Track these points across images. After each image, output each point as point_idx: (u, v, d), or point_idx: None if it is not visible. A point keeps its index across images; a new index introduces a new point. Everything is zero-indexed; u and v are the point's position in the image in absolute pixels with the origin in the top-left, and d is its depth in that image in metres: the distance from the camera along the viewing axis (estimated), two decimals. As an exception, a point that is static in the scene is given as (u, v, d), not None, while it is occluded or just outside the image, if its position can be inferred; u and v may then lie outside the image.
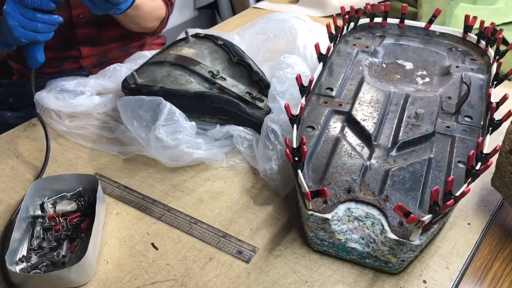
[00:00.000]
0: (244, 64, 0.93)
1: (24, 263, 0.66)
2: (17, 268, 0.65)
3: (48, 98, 0.95)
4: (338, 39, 0.97)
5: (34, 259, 0.67)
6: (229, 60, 0.94)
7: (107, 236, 0.72)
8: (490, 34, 0.94)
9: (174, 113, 0.83)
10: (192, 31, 1.03)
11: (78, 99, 0.96)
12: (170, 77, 0.90)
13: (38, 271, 0.65)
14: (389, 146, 0.74)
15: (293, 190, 0.78)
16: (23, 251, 0.68)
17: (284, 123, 0.81)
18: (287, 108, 0.75)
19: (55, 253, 0.67)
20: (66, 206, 0.74)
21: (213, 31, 1.12)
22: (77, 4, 1.08)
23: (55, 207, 0.74)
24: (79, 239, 0.70)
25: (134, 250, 0.70)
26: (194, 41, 1.00)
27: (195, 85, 0.89)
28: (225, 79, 0.91)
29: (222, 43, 0.97)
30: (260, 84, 0.92)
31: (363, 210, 0.64)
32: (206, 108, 0.87)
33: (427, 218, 0.57)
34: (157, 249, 0.70)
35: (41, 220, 0.72)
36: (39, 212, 0.74)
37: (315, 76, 0.85)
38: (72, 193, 0.76)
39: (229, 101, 0.86)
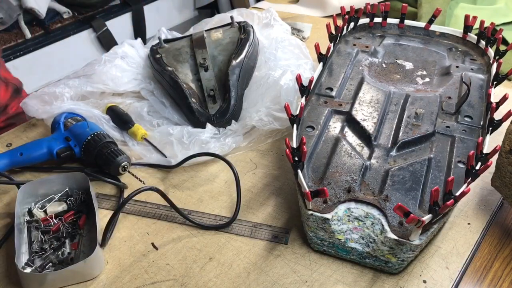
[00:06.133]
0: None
1: (30, 267, 0.66)
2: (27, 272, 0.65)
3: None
4: (338, 39, 0.97)
5: (38, 261, 0.66)
6: (232, 56, 0.93)
7: (107, 236, 0.72)
8: (490, 34, 0.94)
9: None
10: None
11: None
12: (179, 51, 0.96)
13: (49, 270, 0.65)
14: (389, 146, 0.74)
15: (292, 189, 0.78)
16: (26, 256, 0.68)
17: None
18: (287, 108, 0.75)
19: (59, 252, 0.67)
20: (57, 207, 0.74)
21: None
22: None
23: (45, 211, 0.74)
24: (79, 236, 0.70)
25: (134, 250, 0.70)
26: (232, 28, 1.01)
27: (186, 67, 0.94)
28: (207, 70, 0.92)
29: (243, 37, 0.97)
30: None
31: (363, 210, 0.64)
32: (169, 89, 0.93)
33: (427, 218, 0.57)
34: (157, 249, 0.70)
35: (36, 224, 0.71)
36: (28, 218, 0.73)
37: (315, 76, 0.85)
38: (59, 194, 0.76)
39: (182, 91, 0.89)
